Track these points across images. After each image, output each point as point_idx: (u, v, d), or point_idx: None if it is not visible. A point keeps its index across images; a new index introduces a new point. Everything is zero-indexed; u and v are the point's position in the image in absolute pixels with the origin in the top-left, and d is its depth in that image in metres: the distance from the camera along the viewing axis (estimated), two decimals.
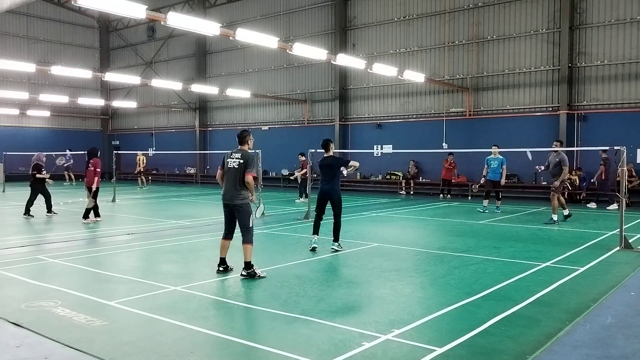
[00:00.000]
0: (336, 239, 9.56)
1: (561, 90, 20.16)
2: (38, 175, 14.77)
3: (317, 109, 27.73)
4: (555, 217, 13.32)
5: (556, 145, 13.89)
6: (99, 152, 14.27)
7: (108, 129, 39.46)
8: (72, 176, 29.74)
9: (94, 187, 13.48)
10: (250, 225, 7.55)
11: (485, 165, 16.19)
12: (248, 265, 7.46)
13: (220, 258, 7.78)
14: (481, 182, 17.01)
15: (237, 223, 7.67)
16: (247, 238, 7.51)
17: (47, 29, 35.18)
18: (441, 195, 21.53)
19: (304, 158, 19.75)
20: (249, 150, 7.80)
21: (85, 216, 13.45)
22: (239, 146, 7.79)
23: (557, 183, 13.34)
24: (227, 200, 7.60)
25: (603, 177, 17.77)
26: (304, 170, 19.52)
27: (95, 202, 13.66)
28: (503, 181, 15.96)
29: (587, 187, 19.26)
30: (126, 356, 4.57)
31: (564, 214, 13.77)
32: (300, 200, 19.67)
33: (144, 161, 28.60)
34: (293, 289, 6.83)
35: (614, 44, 19.33)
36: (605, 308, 5.95)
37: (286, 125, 28.90)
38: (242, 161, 7.55)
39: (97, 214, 13.78)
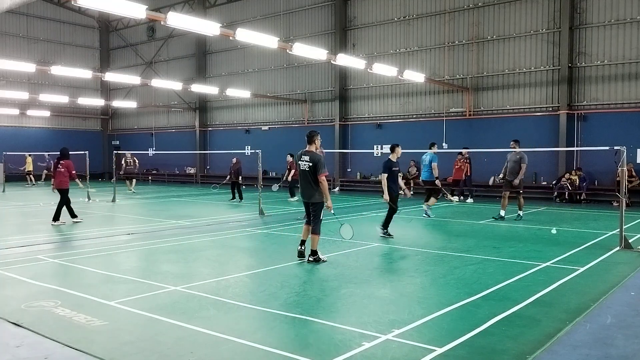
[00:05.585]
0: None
1: (561, 90, 20.17)
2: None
3: (317, 109, 27.73)
4: (502, 213, 13.97)
5: (512, 146, 14.04)
6: (69, 153, 13.92)
7: (108, 129, 39.45)
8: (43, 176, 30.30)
9: (81, 185, 13.53)
10: (320, 218, 8.45)
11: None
12: (314, 252, 8.41)
13: (302, 240, 8.74)
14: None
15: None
16: (316, 230, 8.43)
17: (47, 29, 35.16)
18: (449, 196, 20.75)
19: (291, 159, 19.76)
20: (315, 151, 8.45)
21: (57, 218, 13.18)
22: (307, 146, 8.48)
23: (516, 181, 13.81)
24: (306, 198, 8.53)
25: (468, 173, 19.92)
26: (293, 172, 19.84)
27: (69, 203, 13.40)
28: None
29: (587, 187, 19.29)
30: (126, 356, 4.57)
31: (519, 215, 14.17)
32: (292, 199, 19.63)
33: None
34: (293, 289, 6.83)
35: (614, 44, 19.34)
36: (605, 308, 5.95)
37: (286, 125, 28.90)
38: (310, 164, 8.33)
39: (73, 214, 13.46)
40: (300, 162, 8.48)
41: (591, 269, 8.03)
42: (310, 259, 8.42)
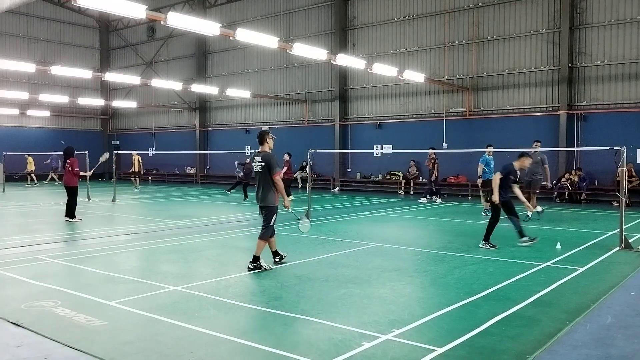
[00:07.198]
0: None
1: (561, 90, 20.17)
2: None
3: (317, 109, 27.73)
4: (540, 209, 13.88)
5: (536, 145, 13.96)
6: (74, 152, 14.24)
7: (108, 129, 39.45)
8: (55, 177, 30.51)
9: (89, 174, 13.79)
10: (271, 224, 8.00)
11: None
12: (255, 259, 7.89)
13: (272, 252, 8.29)
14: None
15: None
16: (263, 235, 7.98)
17: (47, 29, 35.16)
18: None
19: (287, 158, 19.65)
20: (269, 151, 8.06)
21: (72, 215, 13.55)
22: (260, 147, 8.08)
23: (548, 184, 13.93)
24: (258, 201, 8.13)
25: (436, 174, 19.50)
26: (285, 169, 19.57)
27: (75, 201, 13.71)
28: None
29: (587, 187, 19.28)
30: (126, 356, 4.57)
31: (539, 212, 14.02)
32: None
33: (140, 161, 27.10)
34: (293, 289, 6.83)
35: (614, 44, 19.34)
36: (605, 308, 5.95)
37: (286, 125, 28.89)
38: (263, 164, 7.87)
39: (73, 215, 13.69)
40: (253, 164, 7.99)
41: (591, 269, 8.03)
42: (250, 266, 7.82)
